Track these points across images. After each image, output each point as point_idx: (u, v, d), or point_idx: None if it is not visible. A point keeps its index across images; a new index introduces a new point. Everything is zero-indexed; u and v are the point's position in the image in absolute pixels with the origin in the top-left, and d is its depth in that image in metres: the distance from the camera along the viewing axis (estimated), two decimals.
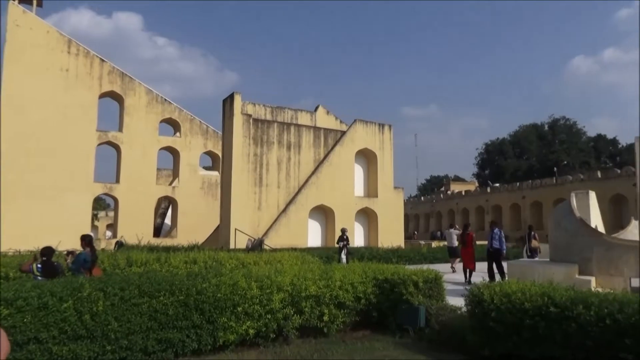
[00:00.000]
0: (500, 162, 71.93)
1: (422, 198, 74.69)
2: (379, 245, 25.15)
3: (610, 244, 10.41)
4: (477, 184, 74.77)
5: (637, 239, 10.06)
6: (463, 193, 63.40)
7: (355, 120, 28.62)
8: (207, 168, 38.77)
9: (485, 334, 5.77)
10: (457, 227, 20.67)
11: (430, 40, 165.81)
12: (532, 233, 18.61)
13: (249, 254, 12.29)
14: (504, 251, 13.70)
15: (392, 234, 27.48)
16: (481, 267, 14.17)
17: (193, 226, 30.70)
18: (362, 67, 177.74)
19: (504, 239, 13.82)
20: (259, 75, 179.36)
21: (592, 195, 15.48)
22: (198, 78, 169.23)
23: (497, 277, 12.63)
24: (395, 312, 7.33)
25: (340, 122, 31.21)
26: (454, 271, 16.38)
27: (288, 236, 23.78)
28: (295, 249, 16.70)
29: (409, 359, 5.89)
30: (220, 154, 29.05)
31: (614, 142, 70.11)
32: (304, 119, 29.56)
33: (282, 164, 26.02)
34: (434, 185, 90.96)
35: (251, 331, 6.31)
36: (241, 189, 24.10)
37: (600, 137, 71.27)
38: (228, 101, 25.28)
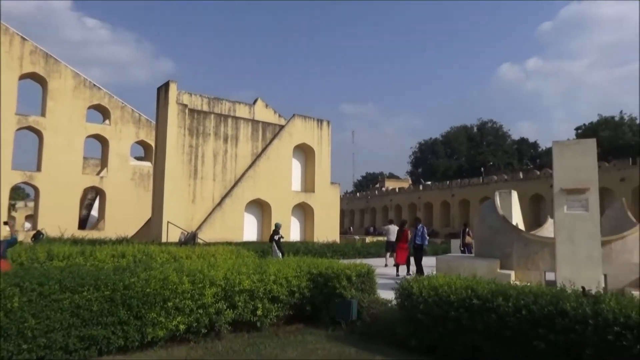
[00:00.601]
0: (433, 161, 74.91)
1: (358, 194, 76.12)
2: (315, 239, 25.36)
3: (528, 240, 11.15)
4: (410, 182, 77.35)
5: (552, 235, 10.85)
6: (397, 190, 65.33)
7: (294, 115, 28.60)
8: (138, 158, 37.17)
9: (413, 325, 5.99)
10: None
11: (370, 40, 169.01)
12: (467, 230, 19.58)
13: (182, 248, 11.95)
14: (426, 247, 14.36)
15: (327, 228, 27.79)
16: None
17: (122, 218, 29.37)
18: (302, 62, 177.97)
19: (426, 235, 14.40)
20: (196, 65, 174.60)
21: (514, 194, 16.47)
22: (131, 64, 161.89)
23: (413, 269, 13.30)
24: (329, 306, 7.43)
25: (279, 116, 31.06)
26: (386, 265, 16.87)
27: (223, 230, 23.38)
28: (230, 243, 16.45)
29: (340, 351, 5.99)
30: (153, 144, 27.98)
31: (535, 145, 75.15)
32: (242, 111, 29.12)
33: (218, 157, 25.51)
34: (370, 182, 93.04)
35: (182, 326, 6.14)
36: (175, 181, 23.37)
37: (523, 141, 76.09)
38: (163, 90, 24.37)
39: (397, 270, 14.54)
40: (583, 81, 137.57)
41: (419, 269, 13.21)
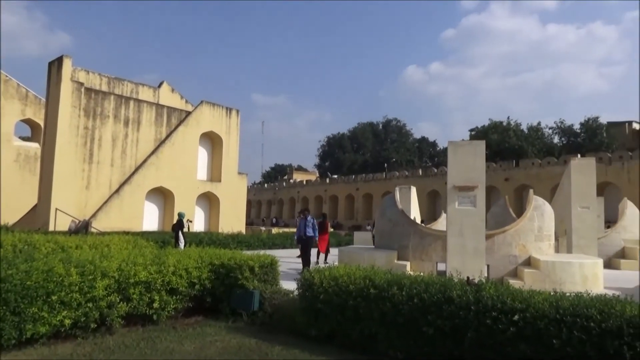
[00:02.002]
0: (340, 155, 76.78)
1: (266, 185, 75.88)
2: (220, 230, 24.86)
3: (423, 233, 11.87)
4: (317, 175, 78.63)
5: (445, 229, 11.66)
6: (304, 182, 66.13)
7: (202, 102, 27.69)
8: (24, 138, 33.71)
9: (313, 315, 6.11)
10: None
11: (284, 32, 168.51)
12: None
13: (72, 238, 11.07)
14: (316, 238, 14.77)
15: (233, 219, 27.38)
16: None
17: (3, 204, 26.50)
18: (214, 48, 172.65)
19: (316, 227, 14.64)
20: (95, 41, 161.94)
21: (413, 190, 17.40)
22: (20, 35, 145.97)
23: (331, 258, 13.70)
24: (230, 297, 7.33)
25: (186, 102, 29.91)
26: (299, 256, 17.05)
27: (121, 219, 22.06)
28: (128, 233, 15.54)
29: (240, 343, 5.94)
30: (42, 124, 25.53)
31: (434, 144, 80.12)
32: (145, 94, 27.60)
33: (117, 141, 23.95)
34: (278, 173, 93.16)
35: (67, 321, 5.68)
36: (66, 165, 21.55)
37: (423, 139, 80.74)
38: (55, 65, 22.28)
39: (319, 258, 15.60)
40: (479, 87, 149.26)
41: (307, 261, 13.20)
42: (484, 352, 4.72)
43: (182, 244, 13.79)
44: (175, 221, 14.82)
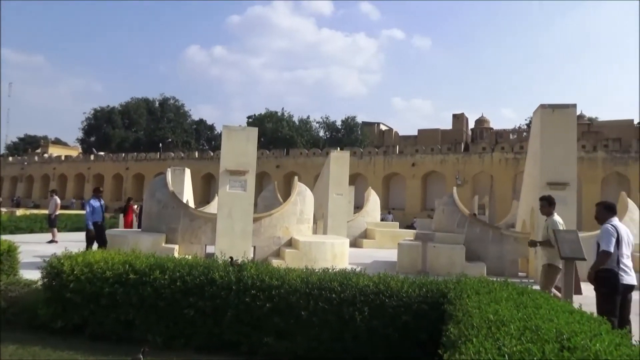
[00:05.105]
0: (108, 130, 70.02)
1: (11, 159, 64.18)
2: None
3: (193, 215, 11.79)
4: (80, 150, 70.44)
5: (215, 212, 11.79)
6: (63, 158, 58.33)
7: None
8: None
9: (61, 305, 5.44)
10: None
11: None
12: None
13: None
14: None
15: None
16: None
17: None
18: None
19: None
20: None
21: (188, 172, 17.09)
22: None
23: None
24: None
25: None
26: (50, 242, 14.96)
27: None
28: None
29: None
30: None
31: (212, 127, 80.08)
32: None
33: None
34: (29, 146, 79.78)
35: None
36: None
37: (202, 122, 79.90)
38: None
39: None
40: (260, 77, 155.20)
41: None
42: (242, 328, 4.95)
43: None
44: None
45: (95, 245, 10.90)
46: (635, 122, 54.35)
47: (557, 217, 6.98)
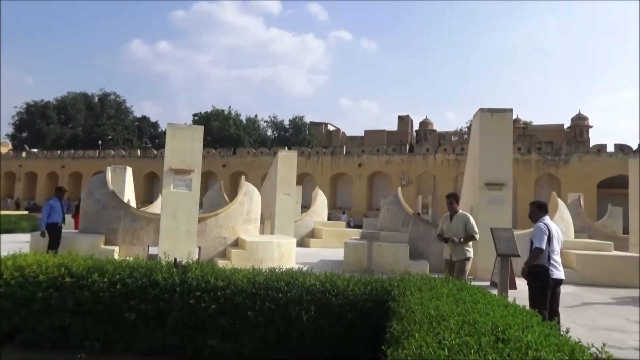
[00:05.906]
0: (42, 126, 66.16)
1: None
2: None
3: (135, 215, 11.38)
4: (11, 147, 66.22)
5: (159, 212, 11.44)
6: None
7: None
8: None
9: None
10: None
11: None
12: None
13: None
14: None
15: None
16: None
17: None
18: None
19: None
20: None
21: (129, 170, 16.48)
22: None
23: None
24: None
25: None
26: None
27: None
28: None
29: None
30: None
31: (156, 125, 77.42)
32: None
33: None
34: None
35: None
36: None
37: (144, 119, 77.03)
38: None
39: None
40: (206, 74, 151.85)
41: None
42: (186, 330, 4.84)
43: None
44: None
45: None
46: (565, 127, 57.95)
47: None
